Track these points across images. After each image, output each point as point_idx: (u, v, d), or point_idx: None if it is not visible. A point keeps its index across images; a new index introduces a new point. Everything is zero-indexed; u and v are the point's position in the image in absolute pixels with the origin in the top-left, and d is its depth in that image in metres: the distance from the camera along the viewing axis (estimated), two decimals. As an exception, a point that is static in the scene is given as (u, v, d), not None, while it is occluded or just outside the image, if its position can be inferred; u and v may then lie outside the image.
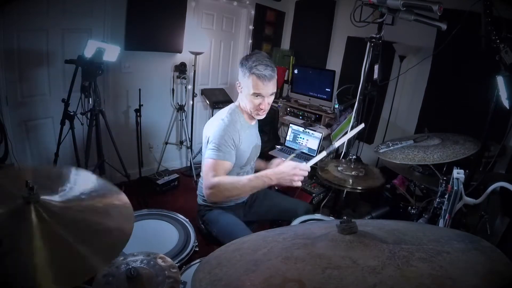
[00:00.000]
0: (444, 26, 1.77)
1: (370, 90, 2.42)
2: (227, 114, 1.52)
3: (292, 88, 3.77)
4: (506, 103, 1.27)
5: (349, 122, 2.41)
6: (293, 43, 4.06)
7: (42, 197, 0.81)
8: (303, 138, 3.11)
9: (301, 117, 3.53)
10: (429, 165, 1.66)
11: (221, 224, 1.55)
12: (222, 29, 3.61)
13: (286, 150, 3.12)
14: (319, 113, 3.43)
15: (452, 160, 1.38)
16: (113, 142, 2.41)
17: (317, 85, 3.48)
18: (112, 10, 2.60)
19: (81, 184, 0.97)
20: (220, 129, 1.44)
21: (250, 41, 3.83)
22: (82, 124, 2.27)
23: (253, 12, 3.70)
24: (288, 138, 3.21)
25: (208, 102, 3.49)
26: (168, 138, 3.44)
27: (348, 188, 1.77)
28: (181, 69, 3.21)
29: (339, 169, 1.89)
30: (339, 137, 1.70)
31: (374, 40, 2.03)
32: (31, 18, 2.21)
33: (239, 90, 1.52)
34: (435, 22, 1.79)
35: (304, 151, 3.00)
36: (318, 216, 1.68)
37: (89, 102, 2.15)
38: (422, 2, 1.69)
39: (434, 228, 1.05)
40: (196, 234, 1.44)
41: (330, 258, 0.62)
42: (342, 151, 2.36)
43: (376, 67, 2.16)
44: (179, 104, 3.34)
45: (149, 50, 2.95)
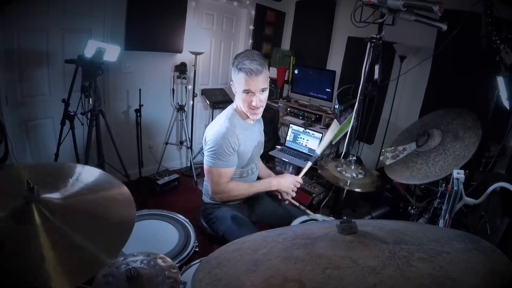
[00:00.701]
0: (444, 27, 1.77)
1: (370, 90, 2.42)
2: (225, 119, 1.53)
3: (292, 88, 3.78)
4: (506, 104, 1.27)
5: (349, 122, 2.40)
6: (293, 43, 4.06)
7: (42, 195, 0.81)
8: (303, 138, 3.11)
9: (301, 117, 3.53)
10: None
11: (229, 222, 1.54)
12: (222, 29, 3.61)
13: (286, 150, 3.12)
14: (319, 113, 3.43)
15: (452, 169, 1.39)
16: (113, 142, 2.41)
17: (317, 85, 3.48)
18: (112, 10, 2.60)
19: (81, 178, 0.97)
20: (219, 137, 1.46)
21: (250, 41, 3.83)
22: (82, 124, 2.27)
23: (253, 12, 3.70)
24: (288, 138, 3.21)
25: (208, 102, 3.49)
26: (168, 138, 3.44)
27: (346, 187, 1.77)
28: (181, 69, 3.21)
29: (339, 169, 1.89)
30: (321, 144, 1.73)
31: (374, 40, 2.02)
32: (31, 18, 2.22)
33: (234, 90, 1.54)
34: (436, 23, 1.78)
35: (306, 152, 3.00)
36: (318, 216, 1.68)
37: (89, 102, 2.15)
38: (422, 3, 1.69)
39: (434, 228, 1.05)
40: (196, 234, 1.44)
41: (330, 258, 0.62)
42: (343, 151, 2.35)
43: (376, 68, 2.16)
44: (179, 104, 3.34)
45: (149, 50, 2.95)
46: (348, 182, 1.77)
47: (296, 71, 3.66)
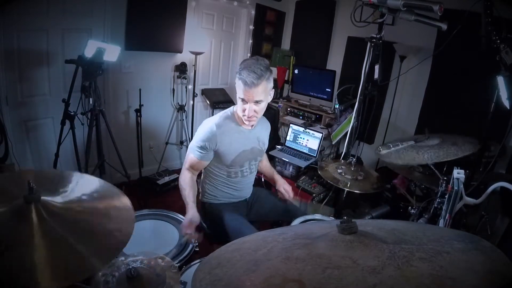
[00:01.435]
0: (444, 26, 1.77)
1: (370, 90, 2.42)
2: (218, 117, 1.58)
3: (292, 88, 3.77)
4: (506, 103, 1.27)
5: (349, 122, 2.40)
6: (293, 43, 4.05)
7: (43, 197, 0.81)
8: (304, 138, 3.10)
9: (301, 117, 3.53)
10: (429, 165, 1.66)
11: (225, 220, 1.55)
12: (222, 29, 3.61)
13: (286, 150, 3.12)
14: (320, 113, 3.43)
15: (441, 160, 1.40)
16: (113, 142, 2.41)
17: (317, 85, 3.48)
18: (112, 10, 2.60)
19: (82, 186, 0.97)
20: (204, 131, 1.53)
21: (250, 41, 3.83)
22: (83, 124, 2.27)
23: (253, 12, 3.70)
24: (288, 138, 3.21)
25: (208, 102, 3.49)
26: (168, 138, 3.44)
27: (346, 188, 1.78)
28: (181, 69, 3.21)
29: (339, 171, 1.89)
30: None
31: (374, 40, 2.02)
32: (31, 18, 2.21)
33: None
34: (436, 22, 1.78)
35: (305, 151, 3.00)
36: (318, 216, 1.68)
37: (89, 102, 2.15)
38: (422, 2, 1.69)
39: (434, 228, 1.05)
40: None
41: (330, 258, 0.62)
42: (343, 151, 2.35)
43: (376, 67, 2.16)
44: (180, 104, 3.34)
45: (149, 50, 2.95)
46: (348, 183, 1.78)
47: (296, 71, 3.65)
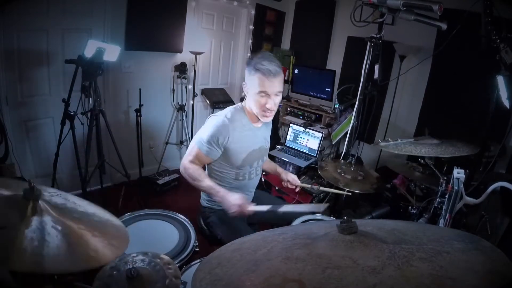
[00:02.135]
0: (444, 26, 1.77)
1: (370, 90, 2.41)
2: (229, 111, 1.52)
3: (292, 88, 3.77)
4: (506, 103, 1.27)
5: (349, 122, 2.40)
6: (293, 43, 4.05)
7: (42, 199, 0.82)
8: (304, 138, 3.11)
9: (301, 117, 3.53)
10: (429, 165, 1.67)
11: (225, 226, 1.54)
12: (222, 29, 3.60)
13: (286, 150, 3.12)
14: (320, 113, 3.43)
15: (438, 155, 1.40)
16: (113, 142, 2.41)
17: (317, 85, 3.48)
18: (112, 10, 2.60)
19: (83, 206, 0.98)
20: (215, 124, 1.46)
21: (250, 41, 3.83)
22: (83, 124, 2.27)
23: (253, 12, 3.70)
24: (288, 138, 3.21)
25: (208, 102, 3.49)
26: (168, 138, 3.44)
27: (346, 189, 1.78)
28: (181, 69, 3.21)
29: (339, 170, 1.89)
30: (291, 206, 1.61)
31: (374, 40, 2.02)
32: (31, 18, 2.21)
33: (246, 91, 1.50)
34: (435, 22, 1.78)
35: (305, 151, 2.99)
36: (318, 216, 1.68)
37: (89, 102, 2.15)
38: (422, 2, 1.68)
39: (434, 228, 1.05)
40: (196, 234, 1.44)
41: (330, 258, 0.62)
42: (343, 151, 2.35)
43: (376, 67, 2.15)
44: (180, 104, 3.34)
45: (149, 50, 2.95)
46: (348, 184, 1.78)
47: (296, 71, 3.65)
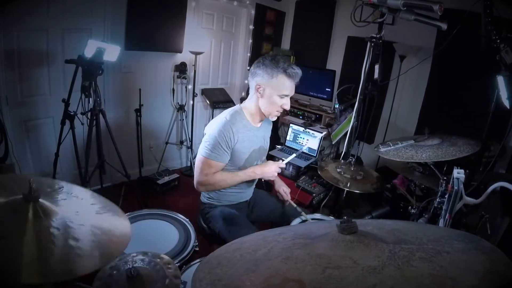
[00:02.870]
0: (444, 26, 1.77)
1: (370, 90, 2.41)
2: (228, 114, 1.52)
3: (292, 88, 3.77)
4: (506, 103, 1.27)
5: (349, 122, 2.40)
6: (293, 43, 4.05)
7: (41, 200, 0.82)
8: (303, 138, 3.11)
9: (301, 117, 3.53)
10: (429, 165, 1.66)
11: (224, 221, 1.55)
12: (222, 29, 3.61)
13: (286, 150, 3.12)
14: (320, 113, 3.43)
15: (440, 160, 1.40)
16: (113, 142, 2.41)
17: (317, 85, 3.48)
18: (112, 10, 2.60)
19: (83, 199, 0.98)
20: (217, 128, 1.46)
21: (250, 41, 3.83)
22: (83, 124, 2.27)
23: (253, 12, 3.70)
24: (288, 138, 3.21)
25: (208, 102, 3.49)
26: (168, 138, 3.44)
27: (346, 188, 1.78)
28: (181, 69, 3.21)
29: (338, 170, 1.89)
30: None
31: (374, 40, 2.02)
32: (31, 18, 2.21)
33: (259, 93, 1.48)
34: (436, 22, 1.78)
35: (305, 151, 3.00)
36: (318, 216, 1.68)
37: (89, 102, 2.15)
38: (422, 2, 1.68)
39: (434, 228, 1.05)
40: (196, 234, 1.44)
41: (330, 258, 0.62)
42: (343, 151, 2.35)
43: (376, 67, 2.15)
44: (179, 104, 3.34)
45: (149, 50, 2.95)
46: (348, 183, 1.77)
47: (296, 71, 3.65)
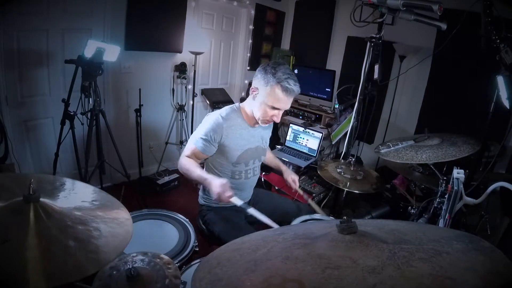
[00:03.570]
0: (444, 26, 1.77)
1: (370, 90, 2.41)
2: (225, 110, 1.55)
3: (292, 88, 3.77)
4: (506, 103, 1.27)
5: (349, 122, 2.40)
6: (293, 43, 4.06)
7: (42, 199, 0.82)
8: (303, 138, 3.11)
9: (301, 117, 3.53)
10: (429, 165, 1.66)
11: (223, 223, 1.55)
12: (222, 29, 3.61)
13: (286, 150, 3.12)
14: (319, 113, 3.43)
15: (440, 160, 1.40)
16: (113, 142, 2.40)
17: (317, 85, 3.48)
18: (112, 10, 2.60)
19: (83, 193, 0.98)
20: (210, 122, 1.49)
21: (250, 41, 3.83)
22: (82, 124, 2.27)
23: (253, 12, 3.70)
24: (288, 138, 3.21)
25: (208, 102, 3.49)
26: (168, 138, 3.44)
27: (345, 188, 1.78)
28: (181, 69, 3.21)
29: (338, 170, 1.89)
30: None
31: (374, 40, 2.02)
32: (31, 18, 2.21)
33: (253, 96, 1.49)
34: (435, 22, 1.78)
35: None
36: (318, 216, 1.68)
37: (89, 102, 2.14)
38: (422, 2, 1.69)
39: (434, 228, 1.05)
40: (196, 234, 1.44)
41: (330, 258, 0.62)
42: (343, 151, 2.35)
43: (376, 67, 2.15)
44: (179, 104, 3.34)
45: (149, 50, 2.95)
46: (347, 183, 1.77)
47: (296, 71, 3.65)
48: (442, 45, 1.98)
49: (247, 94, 1.61)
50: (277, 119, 1.48)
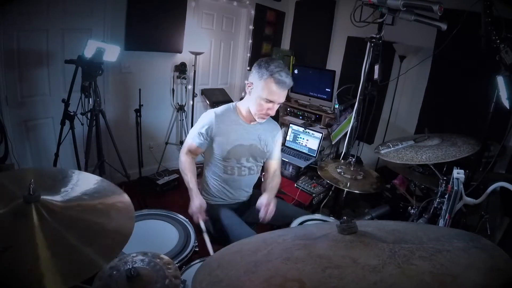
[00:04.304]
0: (444, 26, 1.77)
1: (370, 90, 2.41)
2: (221, 107, 1.64)
3: (292, 88, 3.76)
4: (506, 103, 1.27)
5: (349, 122, 2.41)
6: (293, 43, 4.06)
7: (43, 197, 0.81)
8: (303, 138, 3.11)
9: (301, 117, 3.53)
10: (429, 165, 1.66)
11: (223, 223, 1.55)
12: (222, 29, 3.61)
13: (286, 150, 3.12)
14: (319, 113, 3.43)
15: (440, 161, 1.40)
16: (113, 142, 2.40)
17: (317, 85, 3.48)
18: (112, 10, 2.60)
19: (83, 184, 0.97)
20: (203, 118, 1.61)
21: (250, 41, 3.83)
22: (82, 124, 2.27)
23: (253, 12, 3.70)
24: (288, 138, 3.21)
25: (208, 102, 3.49)
26: (168, 138, 3.44)
27: (345, 188, 1.78)
28: (181, 69, 3.21)
29: (338, 170, 1.89)
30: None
31: (374, 40, 2.02)
32: (31, 18, 2.21)
33: (248, 90, 1.53)
34: (435, 22, 1.78)
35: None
36: (318, 216, 1.68)
37: (89, 102, 2.14)
38: (422, 2, 1.69)
39: (434, 227, 1.05)
40: (196, 234, 1.44)
41: (330, 258, 0.62)
42: (343, 151, 2.35)
43: (376, 67, 2.15)
44: (179, 104, 3.34)
45: (149, 50, 2.95)
46: (347, 183, 1.77)
47: (296, 71, 3.65)
48: (442, 45, 1.98)
49: None
50: (272, 112, 1.53)
